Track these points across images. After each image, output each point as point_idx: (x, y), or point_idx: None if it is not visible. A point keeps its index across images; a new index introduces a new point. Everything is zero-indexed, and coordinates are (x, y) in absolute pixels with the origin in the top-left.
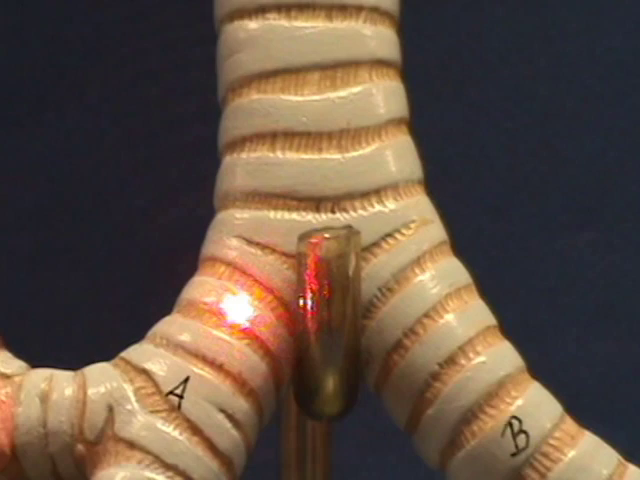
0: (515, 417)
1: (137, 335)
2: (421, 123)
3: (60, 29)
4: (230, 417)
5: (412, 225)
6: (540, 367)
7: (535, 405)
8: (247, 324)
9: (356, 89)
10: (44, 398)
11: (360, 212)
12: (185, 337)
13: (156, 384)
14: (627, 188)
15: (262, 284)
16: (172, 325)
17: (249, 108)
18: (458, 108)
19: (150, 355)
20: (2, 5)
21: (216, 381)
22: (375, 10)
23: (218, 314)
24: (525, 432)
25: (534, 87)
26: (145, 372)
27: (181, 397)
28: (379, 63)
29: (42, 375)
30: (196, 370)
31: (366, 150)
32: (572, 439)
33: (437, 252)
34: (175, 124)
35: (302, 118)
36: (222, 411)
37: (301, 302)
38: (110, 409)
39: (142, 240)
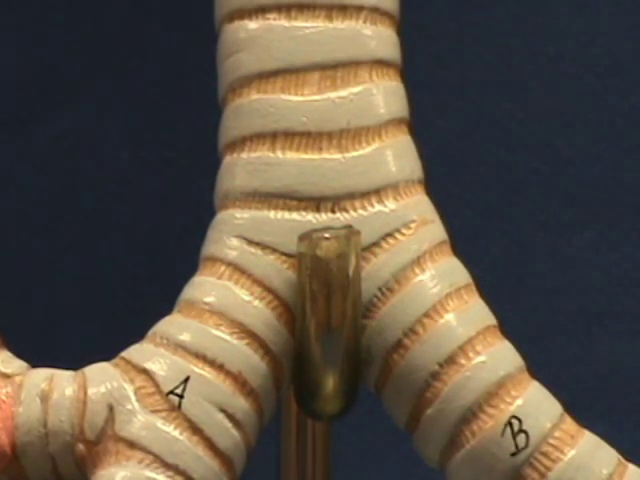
0: (515, 417)
1: (137, 335)
2: (421, 123)
3: (60, 29)
4: (230, 417)
5: (412, 225)
6: (540, 367)
7: (535, 405)
8: None
9: (356, 89)
10: (44, 398)
11: (360, 212)
12: (185, 337)
13: (156, 384)
14: (627, 188)
15: (262, 284)
16: (172, 325)
17: (249, 108)
18: (458, 108)
19: (150, 355)
20: (2, 6)
21: (216, 381)
22: (375, 10)
23: None
24: (525, 432)
25: (534, 87)
26: (145, 372)
27: (181, 397)
28: (379, 63)
29: (42, 375)
30: (196, 370)
31: (366, 150)
32: (572, 439)
33: (437, 252)
34: (175, 124)
35: (302, 118)
36: (222, 411)
37: (301, 302)
38: (110, 409)
39: (142, 240)
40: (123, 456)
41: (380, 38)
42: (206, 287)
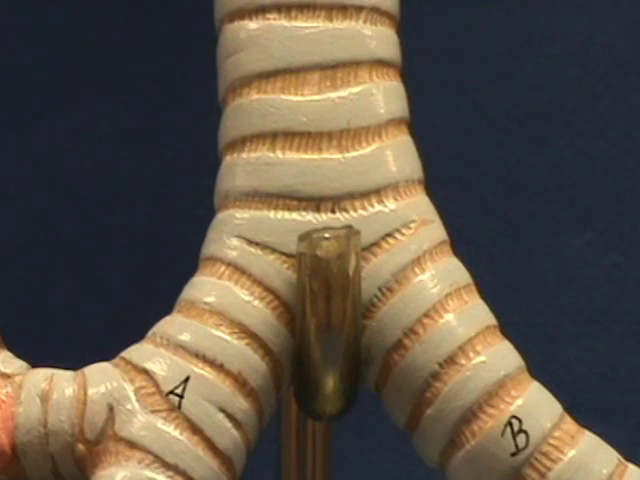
0: (515, 417)
1: (137, 335)
2: (421, 123)
3: (60, 28)
4: (230, 417)
5: (412, 225)
6: (540, 367)
7: (535, 405)
8: None
9: (356, 89)
10: (44, 398)
11: (360, 212)
12: (185, 337)
13: (156, 384)
14: (627, 188)
15: (262, 284)
16: (172, 325)
17: (249, 108)
18: (458, 108)
19: (150, 355)
20: (2, 5)
21: (216, 381)
22: (375, 10)
23: None
24: (525, 432)
25: (534, 87)
26: (145, 372)
27: (181, 397)
28: (379, 63)
29: (42, 375)
30: (196, 370)
31: (366, 150)
32: (572, 439)
33: (437, 252)
34: (175, 124)
35: (302, 118)
36: (222, 411)
37: (301, 302)
38: (110, 409)
39: (142, 240)
40: (123, 456)
41: (380, 38)
42: (206, 287)
